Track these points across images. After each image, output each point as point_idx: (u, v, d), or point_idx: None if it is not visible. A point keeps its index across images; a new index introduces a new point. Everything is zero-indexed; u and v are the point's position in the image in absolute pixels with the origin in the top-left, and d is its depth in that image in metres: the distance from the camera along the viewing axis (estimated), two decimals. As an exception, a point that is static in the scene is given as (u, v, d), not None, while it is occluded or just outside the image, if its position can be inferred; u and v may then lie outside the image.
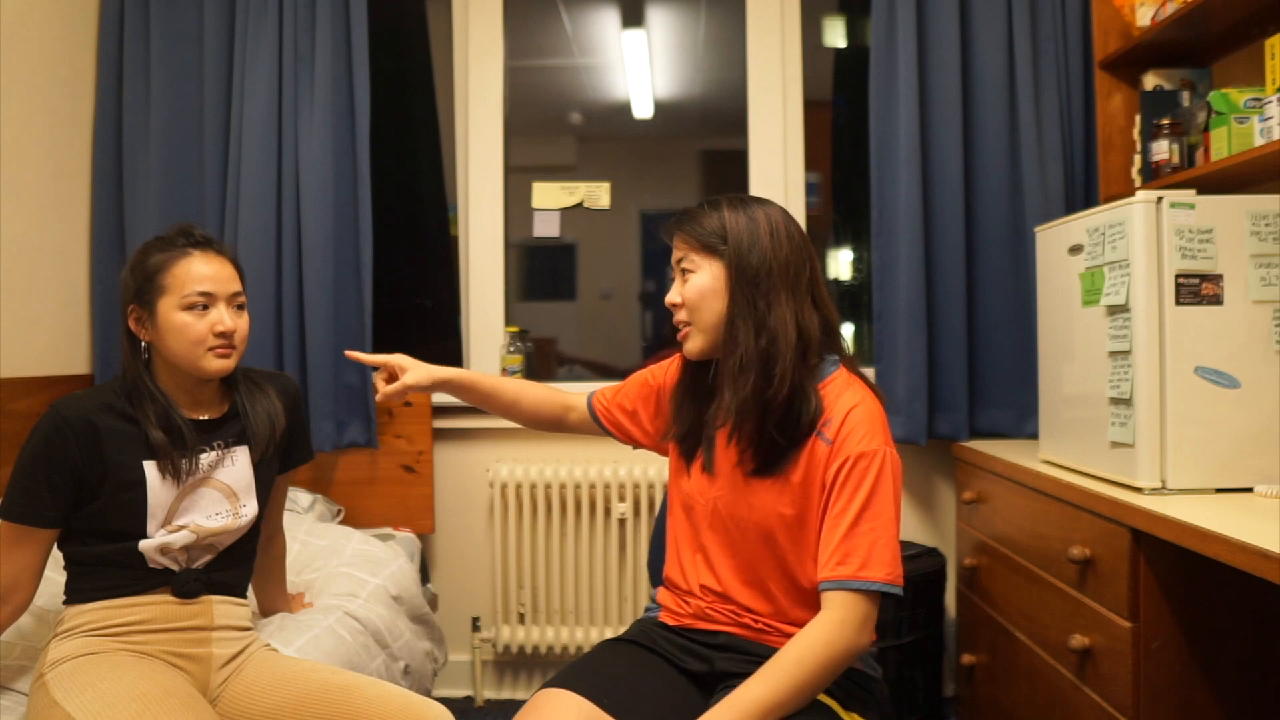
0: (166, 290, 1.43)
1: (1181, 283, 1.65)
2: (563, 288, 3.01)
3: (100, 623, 1.39)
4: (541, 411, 1.65)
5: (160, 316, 1.43)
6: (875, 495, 1.27)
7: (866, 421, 1.30)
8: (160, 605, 1.42)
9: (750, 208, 1.35)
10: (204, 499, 1.46)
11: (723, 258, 1.33)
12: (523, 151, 2.90)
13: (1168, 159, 2.05)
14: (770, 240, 1.32)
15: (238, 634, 1.50)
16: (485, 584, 2.72)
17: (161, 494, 1.41)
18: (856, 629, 1.25)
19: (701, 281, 1.34)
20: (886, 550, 1.26)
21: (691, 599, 1.43)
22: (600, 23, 2.95)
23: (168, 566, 1.43)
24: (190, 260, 1.44)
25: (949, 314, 2.48)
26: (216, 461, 1.48)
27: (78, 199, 2.57)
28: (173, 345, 1.43)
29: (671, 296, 1.39)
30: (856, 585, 1.25)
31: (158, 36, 2.57)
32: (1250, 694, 1.56)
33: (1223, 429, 1.64)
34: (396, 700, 1.42)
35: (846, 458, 1.28)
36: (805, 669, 1.22)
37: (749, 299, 1.31)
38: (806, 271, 1.35)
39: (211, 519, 1.46)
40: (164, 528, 1.42)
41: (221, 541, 1.49)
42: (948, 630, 2.52)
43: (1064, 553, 1.73)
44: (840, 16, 2.95)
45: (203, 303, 1.43)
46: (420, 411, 2.65)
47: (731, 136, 2.84)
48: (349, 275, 2.57)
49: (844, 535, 1.26)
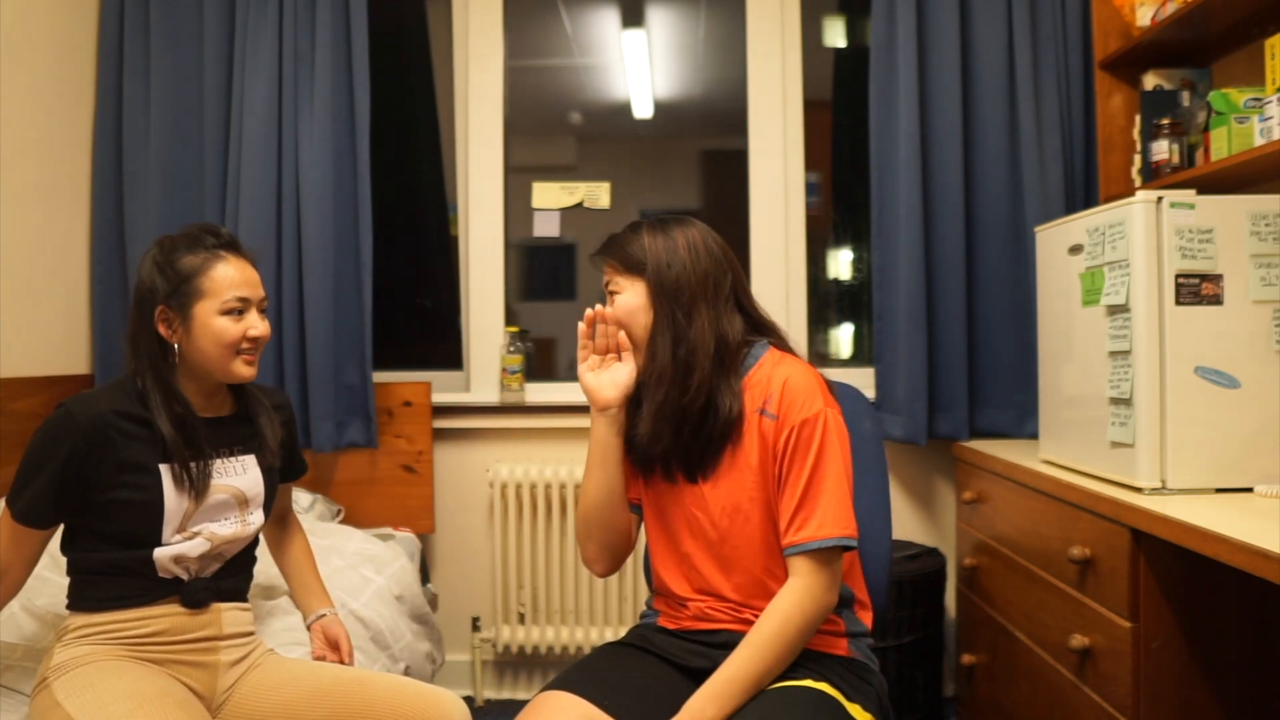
0: (205, 294, 1.41)
1: (1181, 283, 1.65)
2: (563, 288, 3.02)
3: (108, 632, 1.38)
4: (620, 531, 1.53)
5: (197, 320, 1.41)
6: (822, 456, 1.32)
7: (804, 388, 1.35)
8: (170, 618, 1.41)
9: (670, 228, 1.43)
10: (215, 505, 1.45)
11: (645, 277, 1.40)
12: (523, 151, 2.90)
13: (1168, 159, 2.05)
14: (689, 255, 1.39)
15: (244, 639, 1.50)
16: (485, 584, 2.72)
17: (175, 499, 1.39)
18: (825, 589, 1.31)
19: (628, 301, 1.41)
20: (839, 506, 1.31)
21: (689, 603, 1.43)
22: (600, 23, 2.95)
23: (177, 575, 1.42)
24: (226, 264, 1.43)
25: (949, 314, 2.48)
26: (227, 468, 1.47)
27: (78, 199, 2.57)
28: (207, 349, 1.41)
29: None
30: (816, 545, 1.30)
31: (158, 36, 2.57)
32: (1250, 694, 1.56)
33: (1223, 429, 1.64)
34: (411, 689, 1.43)
35: (792, 427, 1.33)
36: (785, 639, 1.29)
37: (668, 314, 1.38)
38: (728, 280, 1.42)
39: (223, 525, 1.45)
40: (179, 533, 1.40)
41: (229, 550, 1.48)
42: (948, 630, 2.52)
43: (1064, 553, 1.73)
44: (840, 16, 2.95)
45: (240, 308, 1.43)
46: (420, 411, 2.65)
47: (731, 136, 2.84)
48: (349, 275, 2.57)
49: (799, 500, 1.32)
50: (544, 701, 1.31)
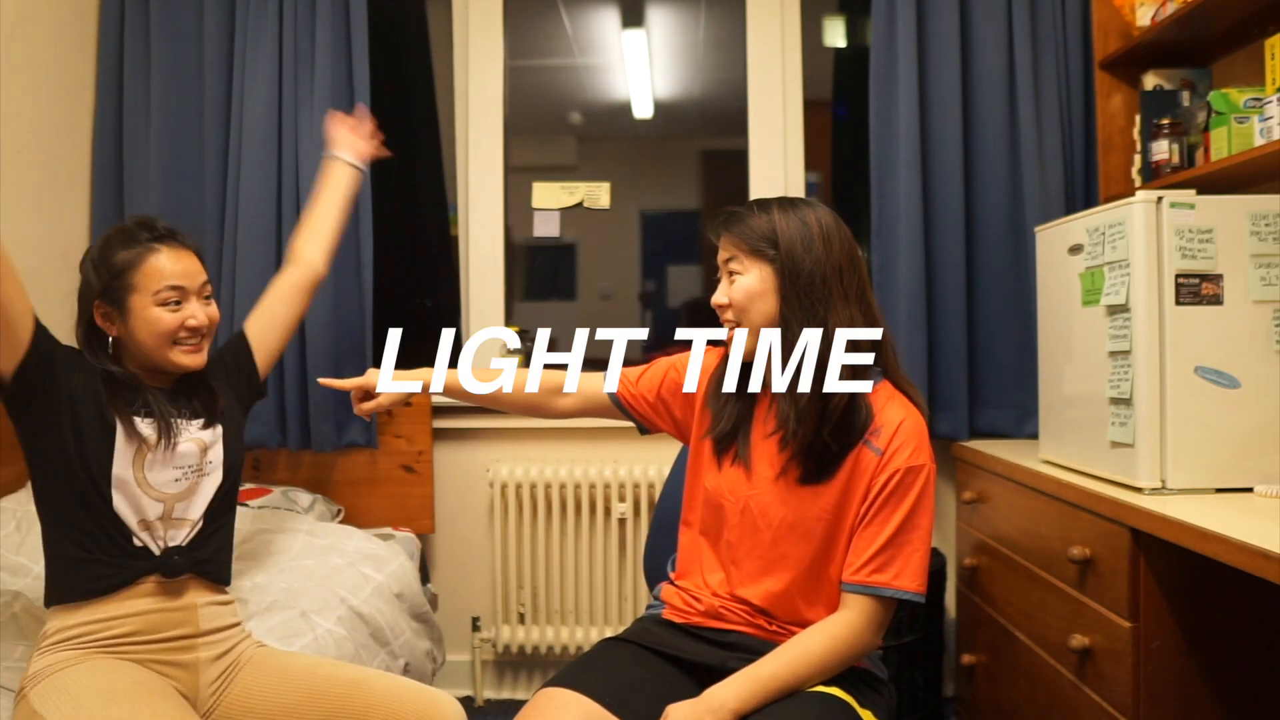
0: (138, 288, 1.43)
1: (1181, 283, 1.65)
2: (563, 288, 3.01)
3: (85, 635, 1.37)
4: (520, 397, 1.64)
5: (133, 313, 1.43)
6: (918, 509, 1.31)
7: (916, 435, 1.34)
8: (145, 616, 1.40)
9: (800, 210, 1.35)
10: (168, 462, 1.44)
11: (772, 262, 1.34)
12: (523, 151, 2.90)
13: (1168, 159, 2.05)
14: (823, 245, 1.33)
15: (223, 634, 1.48)
16: (485, 584, 2.72)
17: (126, 448, 1.40)
18: (876, 631, 1.33)
19: (749, 284, 1.35)
20: (921, 562, 1.31)
21: (704, 597, 1.42)
22: (600, 23, 2.95)
23: (147, 546, 1.41)
24: (159, 255, 1.44)
25: (949, 314, 2.48)
26: (177, 428, 1.47)
27: (78, 199, 2.56)
28: (145, 340, 1.45)
29: (718, 297, 1.39)
30: (890, 593, 1.30)
31: (158, 36, 2.56)
32: (1250, 694, 1.56)
33: (1223, 429, 1.64)
34: (408, 691, 1.42)
35: (896, 470, 1.31)
36: (828, 661, 1.30)
37: (805, 305, 1.32)
38: (855, 275, 1.36)
39: (179, 481, 1.45)
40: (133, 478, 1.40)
41: (193, 508, 1.47)
42: (948, 630, 2.52)
43: (1064, 553, 1.73)
44: (840, 16, 2.95)
45: (175, 298, 1.44)
46: (420, 411, 2.65)
47: (731, 136, 2.84)
48: (349, 275, 2.56)
49: (884, 544, 1.30)
50: (545, 698, 1.30)
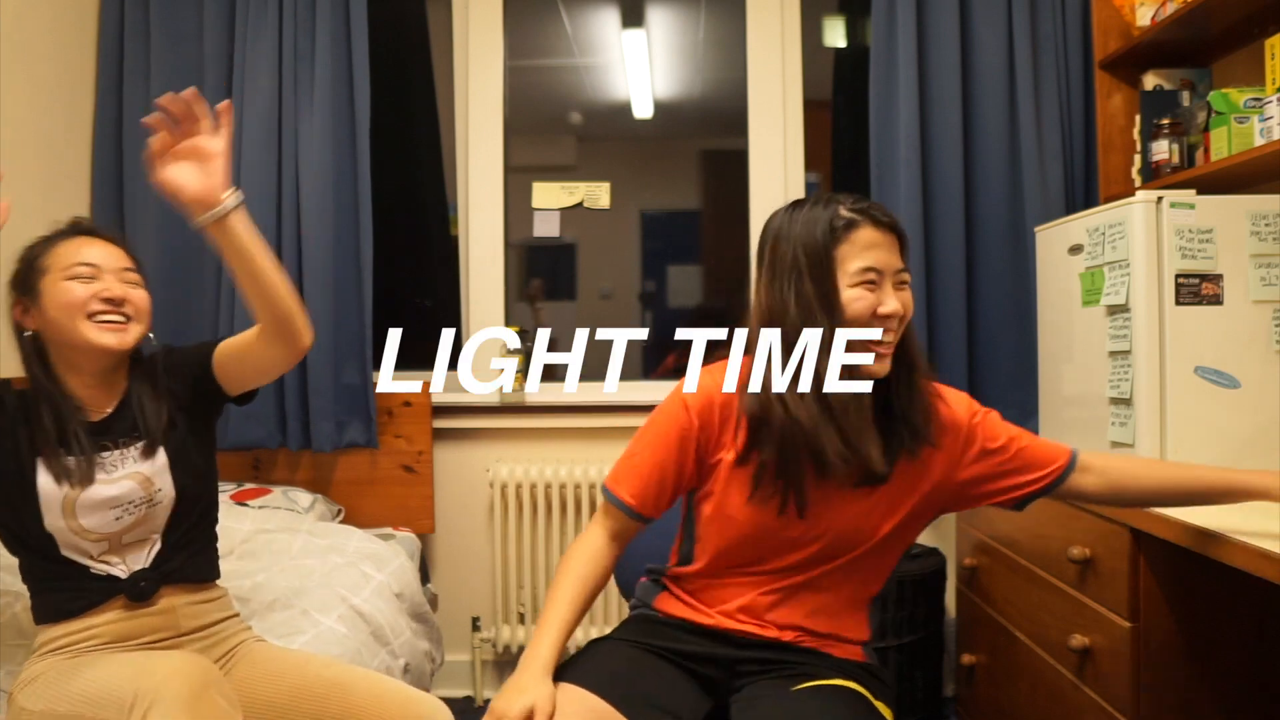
0: (48, 270, 1.36)
1: (1181, 283, 1.65)
2: (563, 288, 3.01)
3: (70, 645, 1.37)
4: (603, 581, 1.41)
5: (44, 295, 1.35)
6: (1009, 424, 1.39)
7: (949, 404, 1.37)
8: (118, 624, 1.38)
9: None
10: (101, 505, 1.36)
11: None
12: (523, 151, 2.90)
13: (1168, 159, 2.05)
14: None
15: (212, 629, 1.45)
16: (485, 584, 2.72)
17: (52, 501, 1.34)
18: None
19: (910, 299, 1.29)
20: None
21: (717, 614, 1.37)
22: (600, 23, 2.95)
23: (111, 574, 1.38)
24: (73, 240, 1.40)
25: (949, 314, 2.48)
26: (116, 460, 1.40)
27: (78, 199, 2.56)
28: (57, 318, 1.34)
29: (888, 307, 1.23)
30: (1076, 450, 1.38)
31: (158, 36, 2.57)
32: (1250, 694, 1.56)
33: (1223, 429, 1.64)
34: (395, 696, 1.39)
35: (968, 426, 1.36)
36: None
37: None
38: None
39: (120, 519, 1.38)
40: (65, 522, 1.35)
41: (149, 534, 1.41)
42: (948, 630, 2.52)
43: (1064, 553, 1.73)
44: (840, 16, 2.95)
45: (88, 274, 1.36)
46: (420, 411, 2.65)
47: (731, 136, 2.84)
48: (349, 275, 2.57)
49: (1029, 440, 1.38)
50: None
